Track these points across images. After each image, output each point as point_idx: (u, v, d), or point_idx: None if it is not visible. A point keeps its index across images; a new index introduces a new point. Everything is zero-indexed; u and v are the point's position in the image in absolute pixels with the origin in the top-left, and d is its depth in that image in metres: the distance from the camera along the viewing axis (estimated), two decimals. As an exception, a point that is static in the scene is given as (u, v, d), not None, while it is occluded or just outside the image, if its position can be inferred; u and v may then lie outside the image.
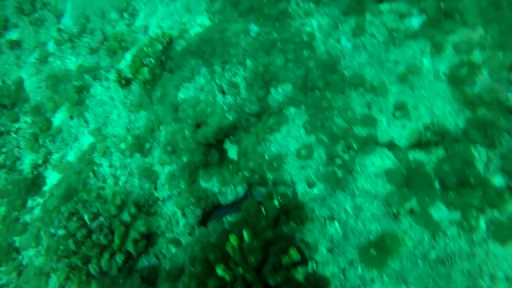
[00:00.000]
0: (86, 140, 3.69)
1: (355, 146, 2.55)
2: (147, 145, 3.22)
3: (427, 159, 2.37)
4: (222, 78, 3.04)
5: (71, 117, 3.88)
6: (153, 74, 3.35)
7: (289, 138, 2.86)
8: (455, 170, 2.18)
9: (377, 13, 2.72)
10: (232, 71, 3.05)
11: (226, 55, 3.09)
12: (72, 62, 4.26)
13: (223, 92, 2.98)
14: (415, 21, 2.56)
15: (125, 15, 4.32)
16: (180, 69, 3.19)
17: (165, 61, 3.41)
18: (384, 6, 2.75)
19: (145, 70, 3.35)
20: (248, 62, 3.03)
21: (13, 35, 4.70)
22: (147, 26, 4.14)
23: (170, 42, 3.53)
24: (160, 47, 3.40)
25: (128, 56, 3.96)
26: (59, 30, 4.51)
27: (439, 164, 2.27)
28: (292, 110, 2.87)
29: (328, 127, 2.69)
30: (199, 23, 3.70)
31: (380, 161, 2.51)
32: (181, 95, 3.06)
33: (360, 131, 2.59)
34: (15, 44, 4.60)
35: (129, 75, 3.74)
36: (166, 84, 3.19)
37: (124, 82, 3.70)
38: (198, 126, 2.97)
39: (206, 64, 3.14)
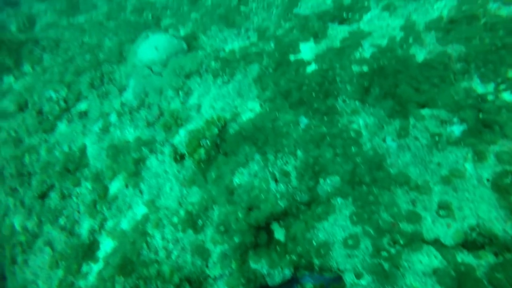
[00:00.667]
0: (140, 210, 3.99)
1: (401, 241, 2.70)
2: (200, 222, 3.46)
3: (477, 262, 2.48)
4: (274, 166, 3.34)
5: (127, 186, 4.23)
6: (209, 155, 3.71)
7: (336, 227, 3.05)
8: (510, 281, 2.28)
9: (419, 118, 3.03)
10: (284, 160, 3.36)
11: (278, 144, 3.42)
12: (130, 134, 4.73)
13: (276, 180, 3.26)
14: (456, 129, 2.84)
15: (181, 93, 4.84)
16: (235, 154, 3.53)
17: (220, 144, 3.77)
18: (426, 111, 3.06)
19: (202, 151, 3.71)
20: (299, 153, 3.34)
21: (83, 106, 5.30)
22: (200, 105, 4.61)
23: (224, 125, 3.93)
24: (216, 130, 3.79)
25: (182, 132, 4.39)
26: (122, 103, 5.07)
27: (491, 271, 2.38)
28: (339, 201, 3.09)
29: (374, 220, 2.88)
30: (250, 107, 4.13)
31: (427, 259, 2.64)
32: (236, 180, 3.36)
33: (405, 227, 2.76)
34: (83, 114, 5.17)
35: (183, 151, 4.12)
36: (222, 167, 3.51)
37: (179, 158, 4.07)
38: (250, 209, 3.22)
39: (260, 152, 3.47)
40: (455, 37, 3.37)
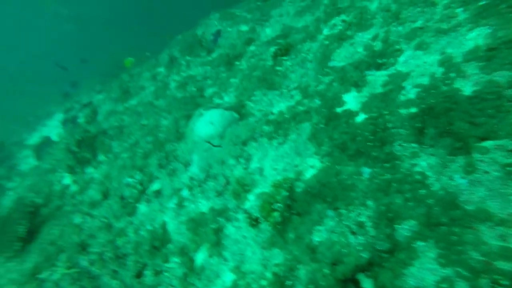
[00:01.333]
0: (228, 277, 4.28)
1: (503, 281, 2.68)
2: (289, 283, 3.66)
3: None
4: (349, 219, 3.52)
5: (211, 256, 4.58)
6: (283, 217, 3.98)
7: (425, 271, 3.08)
8: None
9: (484, 151, 3.10)
10: (356, 212, 3.53)
11: (347, 197, 3.62)
12: (203, 205, 5.19)
13: (353, 233, 3.42)
14: (527, 157, 2.87)
15: (241, 160, 5.28)
16: (308, 213, 3.77)
17: (291, 205, 4.05)
18: (489, 143, 3.13)
19: (276, 214, 4.01)
20: (369, 203, 3.50)
21: (156, 186, 5.94)
22: (262, 168, 4.99)
23: (291, 186, 4.23)
24: (285, 193, 4.09)
25: (251, 197, 4.75)
26: (190, 178, 5.62)
27: None
28: (421, 244, 3.15)
29: (464, 261, 2.89)
30: (310, 164, 4.41)
31: (533, 295, 2.58)
32: (315, 238, 3.57)
33: (503, 265, 2.74)
34: (158, 193, 5.78)
35: (257, 215, 4.44)
36: (298, 227, 3.75)
37: (254, 223, 4.39)
38: (335, 264, 3.37)
39: (331, 207, 3.68)
40: (498, 64, 3.48)
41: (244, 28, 11.47)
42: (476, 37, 3.87)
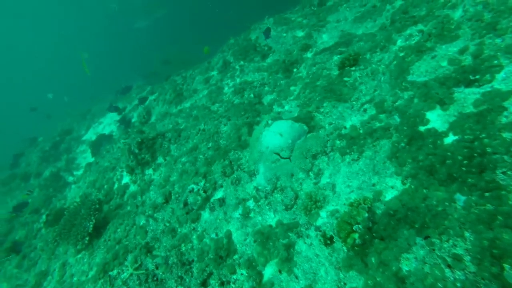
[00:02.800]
0: (300, 295, 4.18)
1: None
2: (371, 312, 3.48)
3: None
4: (442, 250, 3.28)
5: (280, 272, 4.51)
6: (363, 240, 3.81)
7: (538, 318, 2.77)
8: None
9: None
10: (450, 242, 3.28)
11: (440, 226, 3.37)
12: (271, 218, 5.14)
13: (449, 266, 3.18)
14: None
15: (311, 174, 5.16)
16: (393, 239, 3.57)
17: (372, 227, 3.86)
18: None
19: (356, 235, 3.84)
20: (467, 234, 3.23)
21: (219, 194, 5.99)
22: (334, 184, 4.84)
23: (370, 207, 4.04)
24: (366, 214, 3.91)
25: (323, 214, 4.61)
26: (255, 188, 5.59)
27: None
28: (534, 288, 2.85)
29: None
30: (390, 185, 4.19)
31: None
32: (404, 267, 3.37)
33: None
34: (222, 202, 5.83)
35: (330, 234, 4.30)
36: (383, 252, 3.56)
37: (329, 242, 4.25)
38: (427, 298, 3.14)
39: (420, 235, 3.45)
40: None
41: (300, 33, 11.36)
42: None
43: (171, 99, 13.10)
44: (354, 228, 3.88)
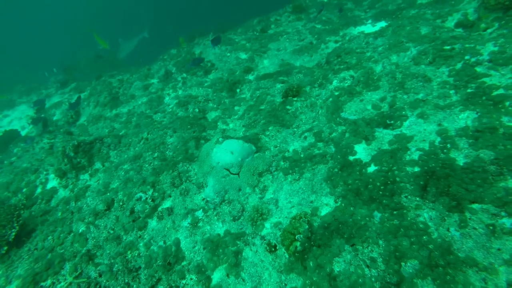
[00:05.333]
0: (245, 297, 4.77)
1: (483, 314, 3.55)
2: (308, 306, 4.27)
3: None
4: (364, 254, 4.27)
5: (228, 276, 5.05)
6: (303, 247, 4.62)
7: (424, 303, 3.89)
8: None
9: (473, 212, 4.05)
10: (369, 248, 4.30)
11: (363, 236, 4.38)
12: (219, 228, 5.66)
13: (368, 266, 4.17)
14: (507, 221, 3.85)
15: (257, 190, 5.87)
16: (328, 246, 4.46)
17: (311, 237, 4.71)
18: (477, 206, 4.10)
19: (298, 244, 4.64)
20: (381, 242, 4.29)
21: (168, 203, 6.27)
22: (277, 200, 5.62)
23: (309, 220, 4.90)
24: (306, 226, 4.75)
25: (268, 225, 5.34)
26: (204, 200, 6.06)
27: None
28: (420, 282, 3.98)
29: (455, 296, 3.75)
30: (325, 202, 5.14)
31: (505, 326, 3.48)
32: (336, 268, 4.26)
33: (484, 301, 3.63)
34: (170, 211, 6.12)
35: (274, 242, 5.04)
36: (319, 257, 4.42)
37: (273, 249, 4.97)
38: (351, 292, 4.07)
39: (348, 243, 4.41)
40: (483, 144, 4.54)
41: (243, 55, 12.23)
42: (467, 118, 4.96)
43: (105, 102, 12.61)
44: (296, 237, 4.67)
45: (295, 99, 7.33)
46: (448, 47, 6.23)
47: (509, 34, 5.78)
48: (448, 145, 4.73)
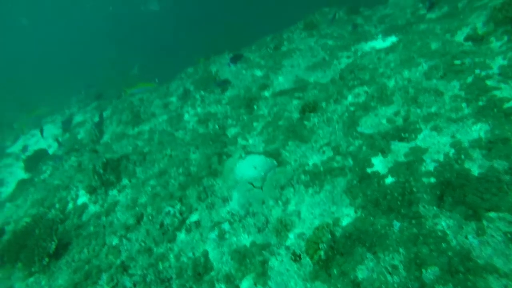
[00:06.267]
0: (273, 304, 5.04)
1: (503, 318, 3.74)
2: (333, 312, 4.52)
3: None
4: (385, 262, 4.52)
5: (256, 285, 5.34)
6: (327, 256, 4.90)
7: (445, 308, 4.10)
8: None
9: (490, 220, 4.28)
10: (390, 256, 4.54)
11: (383, 244, 4.64)
12: (245, 239, 5.98)
13: (389, 273, 4.41)
14: (521, 228, 4.06)
15: (280, 202, 6.20)
16: (351, 254, 4.73)
17: (333, 246, 4.98)
18: (493, 214, 4.32)
19: (322, 252, 4.92)
20: (401, 250, 4.53)
21: (195, 217, 6.65)
22: (299, 212, 5.93)
23: (332, 230, 5.18)
24: (329, 235, 5.03)
25: (291, 235, 5.64)
26: (230, 213, 6.41)
27: None
28: (442, 287, 4.19)
29: (476, 301, 3.95)
30: (346, 213, 5.42)
31: (525, 329, 3.66)
32: (359, 275, 4.52)
33: (504, 306, 3.82)
34: (198, 224, 6.49)
35: (298, 252, 5.33)
36: (343, 265, 4.69)
37: (298, 258, 5.26)
38: (374, 298, 4.31)
39: (370, 251, 4.67)
40: (496, 154, 4.78)
41: (258, 73, 12.74)
42: (479, 129, 5.21)
43: (128, 120, 13.25)
44: (320, 247, 4.96)
45: (312, 114, 7.70)
46: (458, 62, 6.52)
47: (518, 48, 6.05)
48: (462, 156, 4.99)
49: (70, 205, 9.31)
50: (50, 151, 16.00)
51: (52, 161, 13.83)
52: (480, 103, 5.53)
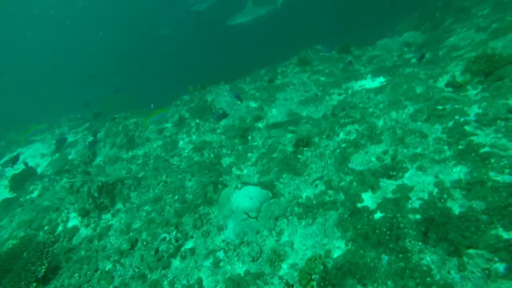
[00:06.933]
0: (266, 334, 5.17)
1: None
2: None
3: None
4: (375, 294, 4.78)
5: (249, 314, 5.47)
6: (319, 286, 5.13)
7: None
8: None
9: (470, 257, 4.64)
10: (380, 289, 4.81)
11: (373, 276, 4.92)
12: (239, 267, 6.15)
13: (379, 305, 4.67)
14: (500, 266, 4.43)
15: (273, 233, 6.44)
16: (342, 286, 4.98)
17: (325, 277, 5.23)
18: (473, 251, 4.70)
19: (314, 283, 5.15)
20: (389, 283, 4.82)
21: (190, 244, 6.79)
22: (292, 242, 6.18)
23: (324, 262, 5.44)
24: (321, 267, 5.29)
25: (285, 266, 5.85)
26: (225, 242, 6.59)
27: None
28: (428, 319, 4.46)
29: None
30: (337, 245, 5.71)
31: None
32: (350, 307, 4.75)
33: (483, 339, 4.11)
34: (192, 251, 6.63)
35: (291, 282, 5.53)
36: (334, 296, 4.91)
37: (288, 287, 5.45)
38: (364, 330, 4.53)
39: (360, 283, 4.94)
40: (475, 195, 5.24)
41: (253, 104, 13.27)
42: (459, 171, 5.70)
43: (122, 144, 13.41)
44: (313, 277, 5.20)
45: (305, 149, 8.12)
46: (440, 107, 7.15)
47: (490, 98, 6.72)
48: (445, 196, 5.43)
49: (60, 228, 9.26)
50: (38, 170, 15.84)
51: (39, 181, 13.72)
52: (460, 147, 6.06)
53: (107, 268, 6.78)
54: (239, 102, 13.53)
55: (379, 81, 11.49)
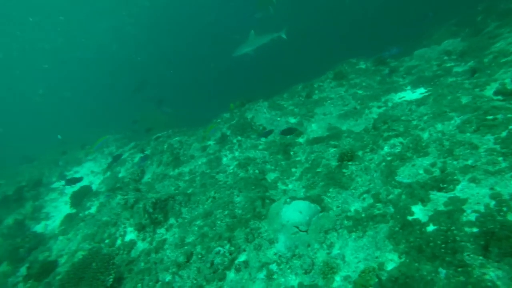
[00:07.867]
0: None
1: None
2: None
3: None
4: (434, 308, 4.79)
5: (305, 325, 5.64)
6: (375, 300, 5.21)
7: None
8: None
9: (534, 270, 4.55)
10: (439, 303, 4.81)
11: (430, 291, 4.93)
12: (292, 280, 6.36)
13: (439, 319, 4.67)
14: None
15: (324, 246, 6.61)
16: (399, 299, 5.03)
17: (381, 290, 5.30)
18: (537, 265, 4.59)
19: (370, 297, 5.24)
20: (449, 298, 4.81)
21: (243, 257, 7.12)
22: (344, 255, 6.30)
23: (378, 274, 5.52)
24: (376, 279, 5.38)
25: (338, 278, 5.98)
26: (277, 254, 6.85)
27: None
28: (492, 334, 4.40)
29: None
30: (390, 258, 5.77)
31: None
32: (409, 320, 4.79)
33: None
34: (246, 264, 6.94)
35: (346, 295, 5.64)
36: (392, 309, 4.98)
37: (346, 301, 5.57)
38: None
39: (417, 296, 4.97)
40: (536, 207, 5.12)
41: (292, 120, 13.59)
42: (517, 183, 5.59)
43: (168, 162, 14.21)
44: (368, 290, 5.30)
45: (349, 163, 8.26)
46: (490, 117, 7.04)
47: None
48: (504, 208, 5.35)
49: (119, 241, 9.98)
50: (93, 188, 17.10)
51: (96, 198, 14.85)
52: (516, 157, 5.95)
53: (167, 280, 7.27)
54: (278, 118, 13.94)
55: (420, 92, 11.39)
